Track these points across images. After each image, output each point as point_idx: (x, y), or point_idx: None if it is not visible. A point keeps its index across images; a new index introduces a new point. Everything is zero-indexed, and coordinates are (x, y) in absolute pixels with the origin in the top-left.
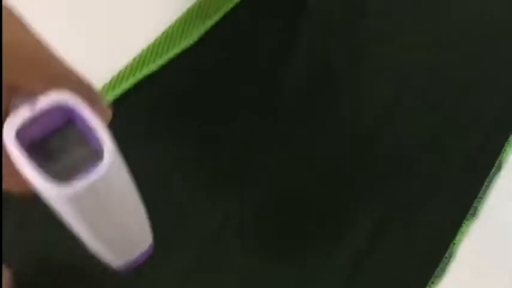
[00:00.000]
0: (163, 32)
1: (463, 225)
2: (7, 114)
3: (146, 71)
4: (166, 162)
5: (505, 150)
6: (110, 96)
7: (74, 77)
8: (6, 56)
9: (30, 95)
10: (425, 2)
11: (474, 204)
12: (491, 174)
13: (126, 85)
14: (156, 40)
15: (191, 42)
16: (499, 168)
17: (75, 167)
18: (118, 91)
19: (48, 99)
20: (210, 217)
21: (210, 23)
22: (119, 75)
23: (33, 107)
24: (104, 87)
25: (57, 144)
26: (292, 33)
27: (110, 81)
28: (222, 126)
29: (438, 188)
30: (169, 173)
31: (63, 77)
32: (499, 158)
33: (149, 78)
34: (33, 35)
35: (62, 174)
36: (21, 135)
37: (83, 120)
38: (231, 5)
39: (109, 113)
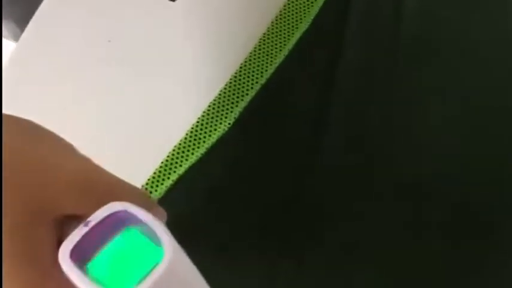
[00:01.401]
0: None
1: None
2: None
3: (181, 170)
4: None
5: None
6: None
7: (128, 190)
8: (65, 189)
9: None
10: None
11: None
12: None
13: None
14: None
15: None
16: None
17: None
18: None
19: (101, 213)
20: None
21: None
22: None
23: (87, 224)
24: None
25: (116, 252)
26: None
27: None
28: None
29: None
30: None
31: (118, 195)
32: None
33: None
34: (82, 159)
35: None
36: (77, 254)
37: (138, 223)
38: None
39: (164, 214)
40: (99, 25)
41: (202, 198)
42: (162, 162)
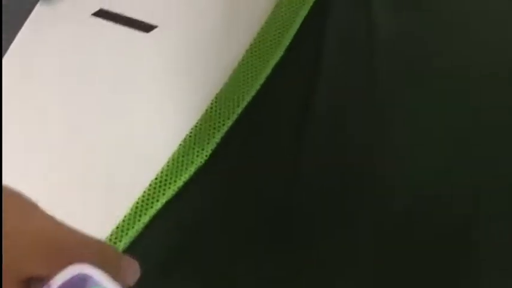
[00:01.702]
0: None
1: None
2: None
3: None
4: None
5: None
6: None
7: (90, 248)
8: (28, 251)
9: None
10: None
11: None
12: None
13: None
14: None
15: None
16: None
17: None
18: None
19: (63, 276)
20: None
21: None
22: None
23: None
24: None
25: None
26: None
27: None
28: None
29: None
30: None
31: (80, 254)
32: None
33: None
34: (45, 219)
35: None
36: None
37: (99, 283)
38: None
39: (133, 263)
40: (72, 58)
41: (182, 232)
42: (138, 198)
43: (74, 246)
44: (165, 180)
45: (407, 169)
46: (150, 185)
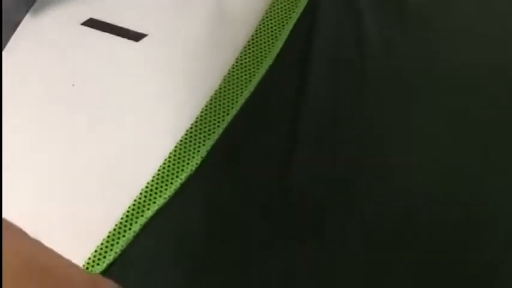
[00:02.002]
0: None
1: None
2: None
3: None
4: None
5: None
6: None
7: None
8: (20, 276)
9: None
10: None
11: None
12: None
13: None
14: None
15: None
16: None
17: None
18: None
19: None
20: None
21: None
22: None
23: None
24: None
25: None
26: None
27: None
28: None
29: None
30: None
31: (70, 281)
32: None
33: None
34: (34, 245)
35: None
36: None
37: None
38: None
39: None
40: (62, 69)
41: (173, 240)
42: (129, 207)
43: (64, 274)
44: (156, 188)
45: (404, 172)
46: (141, 193)
